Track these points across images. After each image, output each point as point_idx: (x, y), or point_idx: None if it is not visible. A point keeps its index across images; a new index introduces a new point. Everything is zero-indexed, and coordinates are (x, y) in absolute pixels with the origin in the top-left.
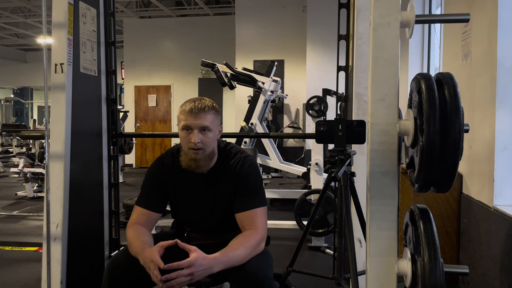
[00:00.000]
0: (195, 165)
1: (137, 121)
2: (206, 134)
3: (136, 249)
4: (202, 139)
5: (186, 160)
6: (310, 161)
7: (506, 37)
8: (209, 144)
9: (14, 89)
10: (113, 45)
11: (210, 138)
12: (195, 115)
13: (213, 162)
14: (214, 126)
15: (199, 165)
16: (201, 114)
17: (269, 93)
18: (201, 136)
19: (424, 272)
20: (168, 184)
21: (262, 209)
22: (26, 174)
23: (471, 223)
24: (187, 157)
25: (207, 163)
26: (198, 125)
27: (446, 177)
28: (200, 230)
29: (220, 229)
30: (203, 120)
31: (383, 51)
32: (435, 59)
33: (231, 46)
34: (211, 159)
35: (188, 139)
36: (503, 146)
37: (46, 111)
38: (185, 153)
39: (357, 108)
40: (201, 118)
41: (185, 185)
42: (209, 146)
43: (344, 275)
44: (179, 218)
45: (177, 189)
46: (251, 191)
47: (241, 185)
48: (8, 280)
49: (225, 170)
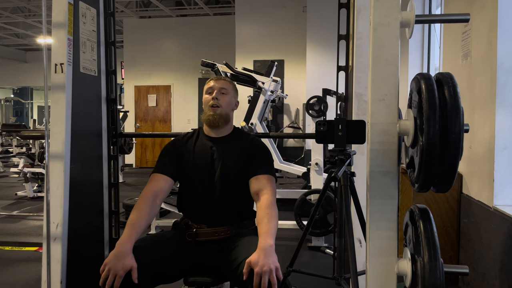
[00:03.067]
0: (212, 119)
1: (137, 121)
2: (224, 96)
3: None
4: (220, 97)
5: (205, 117)
6: (310, 161)
7: (506, 37)
8: (225, 105)
9: (14, 89)
10: (113, 45)
11: (227, 101)
12: (217, 80)
13: (228, 129)
14: (231, 93)
15: (215, 120)
16: (222, 80)
17: (269, 93)
18: (220, 95)
19: (424, 272)
20: (183, 151)
21: (272, 177)
22: (26, 174)
23: (471, 223)
24: (206, 114)
25: (222, 122)
26: (218, 87)
27: (446, 177)
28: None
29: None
30: (223, 84)
31: (383, 51)
32: (435, 59)
33: (231, 46)
34: (227, 123)
35: (209, 99)
36: (503, 146)
37: (46, 111)
38: (205, 111)
39: (357, 108)
40: (221, 82)
41: (200, 149)
42: (226, 107)
43: (344, 275)
44: (189, 193)
45: (192, 154)
46: (266, 162)
47: (256, 154)
48: (8, 280)
49: (239, 140)
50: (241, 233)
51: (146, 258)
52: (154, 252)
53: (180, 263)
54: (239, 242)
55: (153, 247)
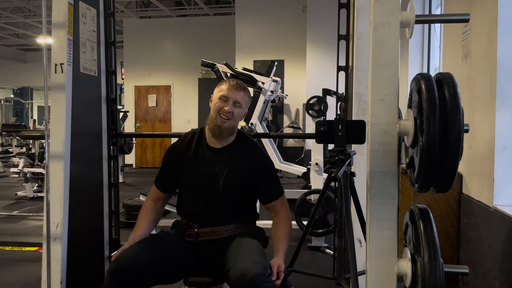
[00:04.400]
0: (218, 131)
1: (137, 121)
2: (237, 109)
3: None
4: (234, 111)
5: (212, 125)
6: (310, 161)
7: (506, 37)
8: (236, 118)
9: (14, 89)
10: (113, 45)
11: (238, 114)
12: (237, 89)
13: (231, 138)
14: (244, 106)
15: (222, 132)
16: (240, 91)
17: (269, 93)
18: (234, 108)
19: (424, 272)
20: (184, 157)
21: (284, 195)
22: (26, 174)
23: (471, 223)
24: (214, 123)
25: (228, 134)
26: (234, 98)
27: (446, 177)
28: (205, 212)
29: (226, 212)
30: (240, 96)
31: (383, 51)
32: (435, 59)
33: (231, 46)
34: (231, 135)
35: (222, 105)
36: (503, 146)
37: (46, 111)
38: (213, 119)
39: (357, 108)
40: (239, 94)
41: (201, 156)
42: (236, 120)
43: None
44: (188, 199)
45: (192, 160)
46: (275, 178)
47: (264, 172)
48: (8, 280)
49: (242, 150)
50: (240, 233)
51: (146, 258)
52: (154, 252)
53: (180, 263)
54: (234, 243)
55: (154, 247)
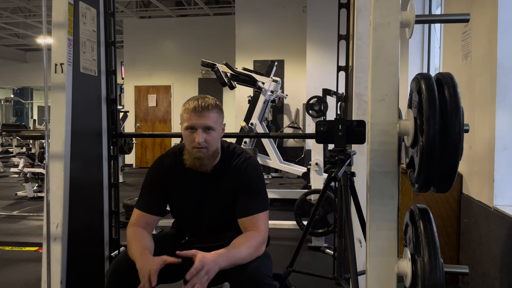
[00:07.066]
0: (199, 163)
1: (137, 121)
2: (210, 133)
3: (135, 252)
4: (206, 138)
5: (190, 159)
6: (310, 161)
7: (506, 37)
8: (213, 143)
9: (14, 89)
10: (113, 45)
11: (214, 137)
12: (199, 114)
13: (216, 160)
14: (218, 125)
15: (203, 164)
16: (204, 113)
17: (269, 93)
18: (205, 135)
19: (424, 272)
20: (168, 184)
21: (264, 213)
22: (26, 174)
23: (471, 223)
24: (191, 156)
25: (211, 162)
26: (202, 124)
27: (446, 177)
28: (201, 231)
29: (221, 230)
30: (206, 120)
31: (383, 51)
32: (435, 59)
33: (231, 46)
34: (215, 158)
35: (192, 138)
36: (503, 146)
37: (46, 111)
38: (189, 152)
39: (357, 108)
40: (204, 118)
41: (187, 184)
42: (213, 145)
43: (344, 275)
44: (180, 219)
45: (178, 188)
46: (254, 194)
47: (244, 187)
48: (8, 280)
49: (228, 169)
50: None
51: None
52: (154, 252)
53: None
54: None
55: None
